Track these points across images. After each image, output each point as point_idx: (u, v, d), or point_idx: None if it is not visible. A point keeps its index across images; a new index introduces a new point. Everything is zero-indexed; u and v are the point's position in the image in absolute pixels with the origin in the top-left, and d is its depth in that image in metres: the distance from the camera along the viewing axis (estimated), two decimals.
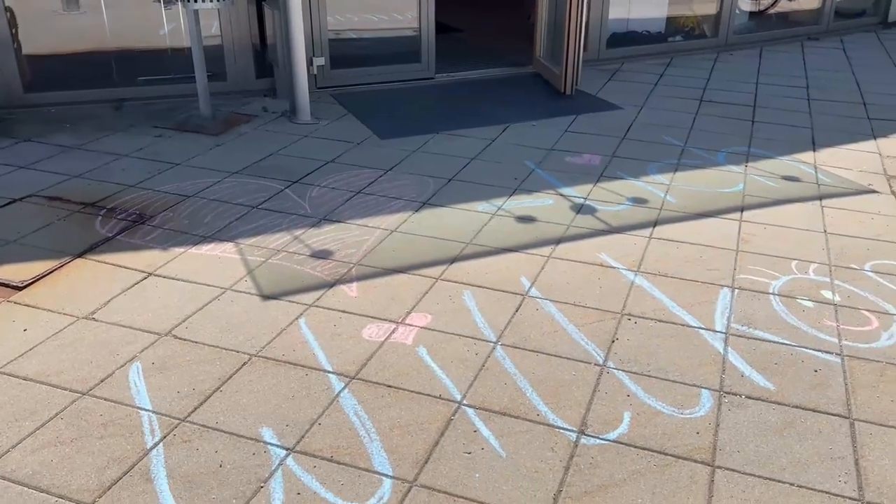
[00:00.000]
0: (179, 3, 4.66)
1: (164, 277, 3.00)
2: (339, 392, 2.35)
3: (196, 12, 4.56)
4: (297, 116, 4.90)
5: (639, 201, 3.78)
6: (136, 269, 3.06)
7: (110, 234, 3.35)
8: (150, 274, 3.03)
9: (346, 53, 5.74)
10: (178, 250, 3.22)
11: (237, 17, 5.24)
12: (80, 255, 3.16)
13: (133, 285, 2.94)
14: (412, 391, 2.35)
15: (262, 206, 3.67)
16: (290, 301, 2.84)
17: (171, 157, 4.28)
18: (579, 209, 3.69)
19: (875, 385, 2.38)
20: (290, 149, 4.47)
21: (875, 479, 2.01)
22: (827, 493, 1.97)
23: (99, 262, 3.11)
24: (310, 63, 5.29)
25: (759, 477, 2.01)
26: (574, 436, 2.17)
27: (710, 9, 7.11)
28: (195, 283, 2.96)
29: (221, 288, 2.93)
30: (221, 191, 3.85)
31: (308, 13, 5.28)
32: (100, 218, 3.51)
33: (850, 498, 1.95)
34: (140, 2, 5.25)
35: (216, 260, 3.15)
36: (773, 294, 2.91)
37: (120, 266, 3.08)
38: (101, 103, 5.16)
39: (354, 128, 4.84)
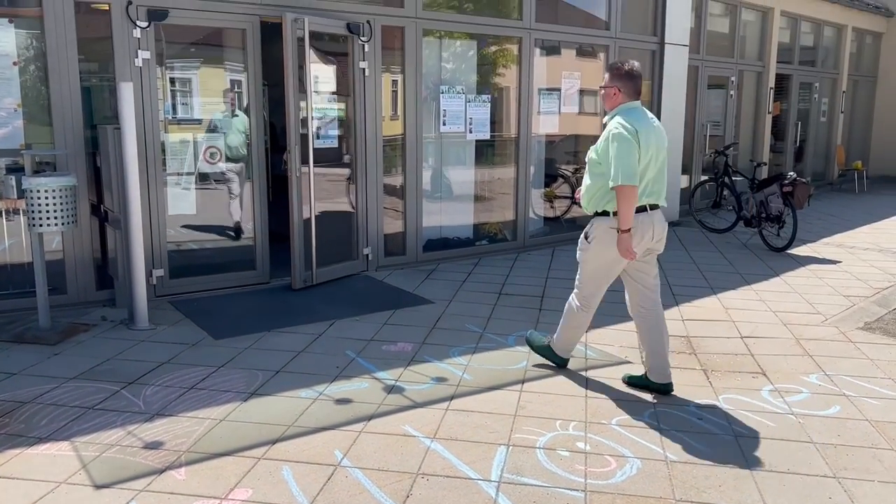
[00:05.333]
0: (23, 223, 5.08)
1: None
2: None
3: (40, 234, 5.01)
4: (136, 324, 5.30)
5: (441, 380, 4.46)
6: None
7: None
8: None
9: (185, 263, 6.29)
10: (13, 452, 3.45)
11: (80, 234, 5.69)
12: None
13: None
14: None
15: (97, 407, 3.98)
16: (121, 488, 3.15)
17: (7, 368, 4.51)
18: (390, 390, 4.30)
19: None
20: (127, 353, 4.83)
21: None
22: None
23: None
24: (149, 275, 5.78)
25: None
26: None
27: (510, 216, 8.43)
28: (30, 480, 3.21)
29: (56, 482, 3.19)
30: (58, 396, 4.13)
31: (149, 228, 5.85)
32: None
33: None
34: None
35: (51, 458, 3.41)
36: (539, 448, 3.58)
37: None
38: None
39: (190, 330, 5.30)
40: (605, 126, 4.18)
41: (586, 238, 4.30)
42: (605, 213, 4.16)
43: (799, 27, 13.57)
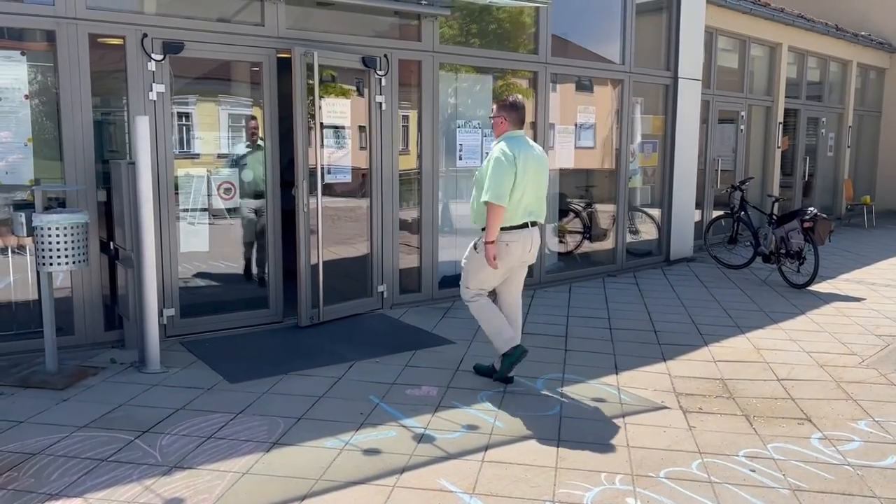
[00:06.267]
0: (29, 260, 4.87)
1: None
2: None
3: (50, 273, 4.80)
4: (147, 366, 5.06)
5: (472, 428, 4.23)
6: None
7: None
8: None
9: (196, 302, 6.07)
10: None
11: (89, 272, 5.47)
12: None
13: None
14: None
15: (111, 459, 3.74)
16: None
17: (13, 415, 4.26)
18: (420, 439, 4.06)
19: None
20: (139, 399, 4.59)
21: None
22: None
23: None
24: (160, 314, 5.55)
25: None
26: None
27: None
28: None
29: None
30: (68, 446, 3.88)
31: (160, 266, 5.63)
32: None
33: None
34: None
35: None
36: None
37: None
38: None
39: (204, 374, 5.06)
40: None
41: (475, 248, 4.82)
42: None
43: (806, 62, 13.57)
